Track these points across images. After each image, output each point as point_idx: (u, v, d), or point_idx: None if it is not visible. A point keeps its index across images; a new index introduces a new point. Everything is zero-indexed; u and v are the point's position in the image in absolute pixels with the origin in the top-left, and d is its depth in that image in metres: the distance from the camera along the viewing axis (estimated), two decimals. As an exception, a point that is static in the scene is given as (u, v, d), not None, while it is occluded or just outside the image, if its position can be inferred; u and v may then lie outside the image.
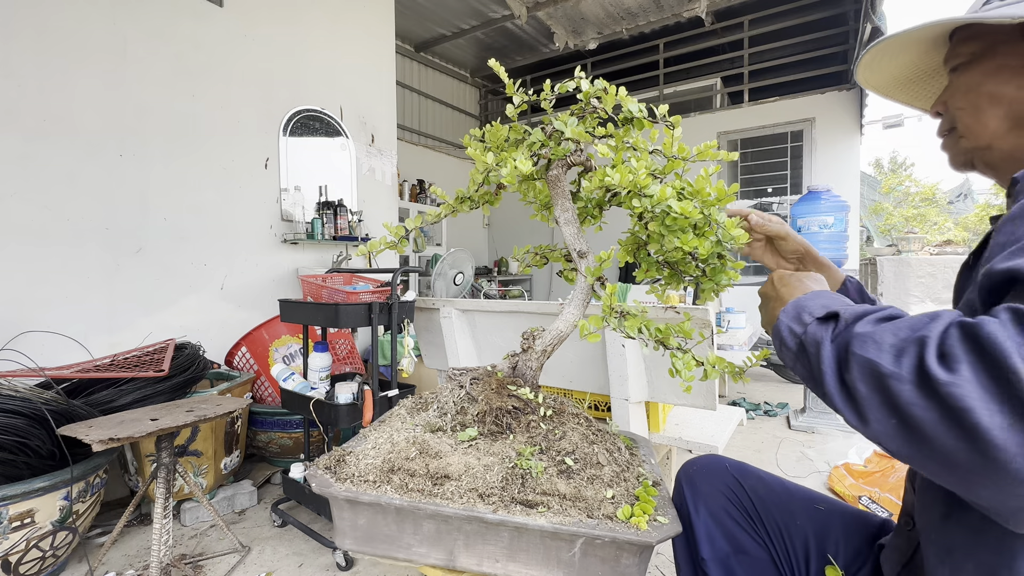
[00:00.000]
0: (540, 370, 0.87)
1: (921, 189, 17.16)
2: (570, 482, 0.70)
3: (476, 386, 0.85)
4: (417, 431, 0.82)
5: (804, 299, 0.62)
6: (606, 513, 0.66)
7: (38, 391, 1.68)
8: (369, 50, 3.78)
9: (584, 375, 1.79)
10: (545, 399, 0.86)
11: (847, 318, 0.54)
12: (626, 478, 0.74)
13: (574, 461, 0.73)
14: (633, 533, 0.63)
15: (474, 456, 0.74)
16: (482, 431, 0.78)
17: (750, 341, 2.71)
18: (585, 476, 0.72)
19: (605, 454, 0.76)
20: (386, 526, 0.69)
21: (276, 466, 2.54)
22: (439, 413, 0.84)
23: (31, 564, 1.54)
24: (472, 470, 0.71)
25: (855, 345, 0.49)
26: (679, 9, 5.36)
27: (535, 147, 0.84)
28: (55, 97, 2.21)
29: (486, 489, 0.68)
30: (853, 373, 0.49)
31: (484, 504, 0.67)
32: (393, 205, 4.01)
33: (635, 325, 0.80)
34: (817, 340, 0.55)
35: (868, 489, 2.08)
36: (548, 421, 0.81)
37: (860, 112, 5.26)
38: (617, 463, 0.77)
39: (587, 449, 0.76)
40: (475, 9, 5.53)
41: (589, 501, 0.67)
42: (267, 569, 1.72)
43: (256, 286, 3.00)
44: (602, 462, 0.74)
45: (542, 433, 0.78)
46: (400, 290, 1.90)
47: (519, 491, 0.68)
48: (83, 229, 2.29)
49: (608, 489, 0.70)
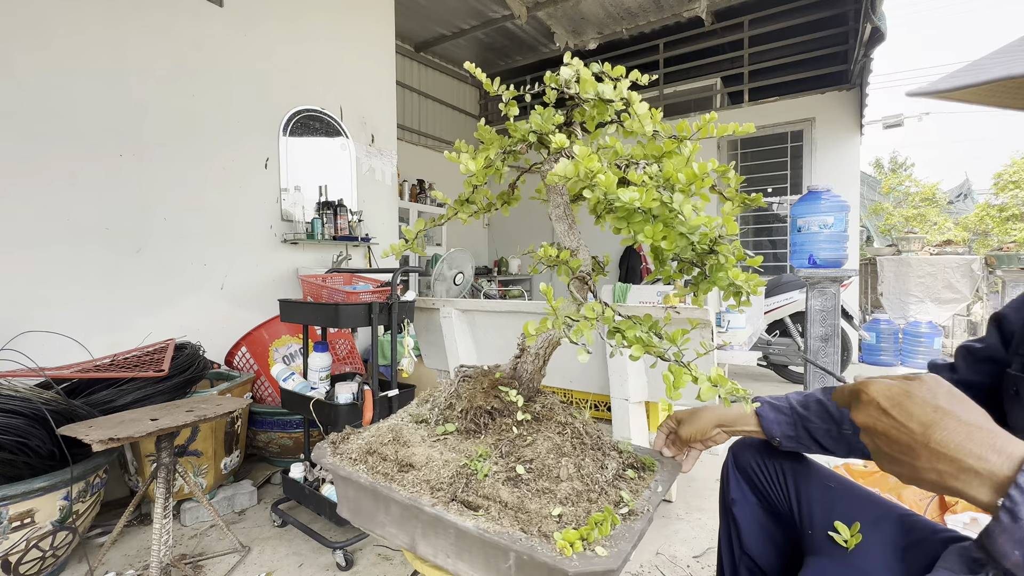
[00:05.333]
0: (539, 373, 0.84)
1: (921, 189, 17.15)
2: (515, 491, 0.66)
3: (465, 384, 0.85)
4: (404, 420, 0.87)
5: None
6: (544, 530, 0.61)
7: (38, 391, 1.68)
8: (369, 50, 3.78)
9: (585, 375, 1.79)
10: (533, 404, 0.82)
11: None
12: (592, 498, 0.67)
13: (527, 470, 0.69)
14: (550, 557, 0.56)
15: (439, 450, 0.76)
16: (459, 428, 0.80)
17: (750, 341, 2.71)
18: (535, 488, 0.67)
19: (573, 469, 0.70)
20: (366, 502, 0.74)
21: (276, 466, 2.53)
22: (431, 407, 0.87)
23: (31, 564, 1.53)
24: (432, 463, 0.74)
25: None
26: (679, 9, 5.36)
27: (508, 144, 0.81)
28: (55, 97, 2.21)
29: (438, 483, 0.70)
30: None
31: (431, 497, 0.68)
32: (393, 205, 4.01)
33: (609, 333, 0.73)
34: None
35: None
36: (523, 426, 0.77)
37: (860, 112, 5.26)
38: (587, 481, 0.69)
39: (550, 460, 0.70)
40: (475, 9, 5.53)
41: (530, 514, 0.63)
42: (267, 569, 1.72)
43: (256, 286, 3.00)
44: (563, 477, 0.68)
45: (510, 437, 0.75)
46: (400, 290, 1.90)
47: (462, 491, 0.68)
48: (83, 229, 2.29)
49: (558, 506, 0.64)
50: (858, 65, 4.87)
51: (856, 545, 0.77)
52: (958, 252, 5.66)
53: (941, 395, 0.48)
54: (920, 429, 0.46)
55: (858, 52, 4.71)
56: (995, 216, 14.25)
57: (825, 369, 0.94)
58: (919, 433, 0.46)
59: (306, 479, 1.95)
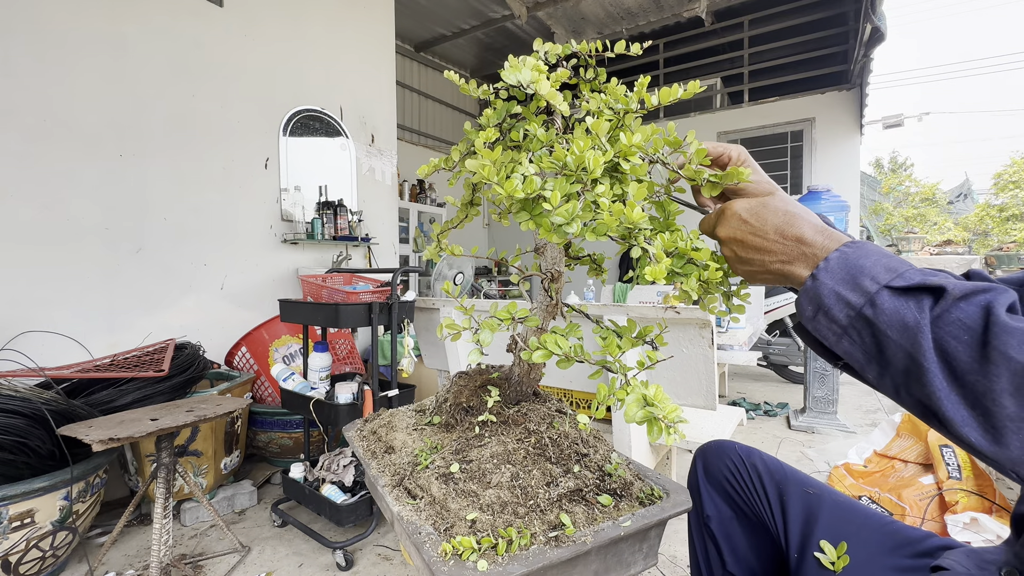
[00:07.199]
0: (530, 375, 0.81)
1: (921, 189, 17.16)
2: (443, 488, 0.66)
3: (460, 380, 0.87)
4: (406, 409, 0.94)
5: (851, 254, 0.49)
6: (452, 531, 0.59)
7: (38, 391, 1.68)
8: (369, 50, 3.78)
9: (584, 376, 1.79)
10: (512, 407, 0.79)
11: (954, 294, 0.43)
12: (519, 512, 0.62)
13: (461, 470, 0.68)
14: (429, 556, 0.56)
15: (415, 439, 0.81)
16: (442, 421, 0.84)
17: (750, 341, 2.71)
18: (462, 488, 0.65)
19: (507, 478, 0.66)
20: (375, 470, 0.80)
21: (276, 466, 2.54)
22: (432, 400, 0.92)
23: (31, 564, 1.54)
24: (405, 448, 0.79)
25: (1009, 345, 0.38)
26: (679, 9, 5.36)
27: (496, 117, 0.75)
28: (55, 96, 2.21)
29: (398, 468, 0.75)
30: (997, 382, 0.39)
31: (389, 478, 0.73)
32: (393, 205, 4.01)
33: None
34: (905, 322, 0.43)
35: (868, 489, 2.07)
36: (486, 427, 0.76)
37: (860, 112, 5.26)
38: (519, 493, 0.64)
39: (488, 465, 0.68)
40: (475, 9, 5.53)
41: (449, 513, 0.62)
42: (267, 569, 1.72)
43: (256, 286, 3.01)
44: (492, 483, 0.65)
45: (468, 436, 0.75)
46: (400, 290, 1.90)
47: (408, 478, 0.71)
48: (83, 229, 2.29)
49: (476, 512, 0.62)
50: (858, 65, 4.87)
51: (844, 568, 0.73)
52: (958, 252, 5.66)
53: (791, 203, 0.56)
54: (773, 230, 0.54)
55: (858, 52, 4.71)
56: (995, 216, 14.27)
57: (825, 369, 0.93)
58: (772, 233, 0.54)
59: (306, 479, 1.95)
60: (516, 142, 0.69)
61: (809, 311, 0.51)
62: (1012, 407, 0.38)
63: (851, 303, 0.47)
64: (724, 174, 0.58)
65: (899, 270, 0.47)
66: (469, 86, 0.73)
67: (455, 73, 0.77)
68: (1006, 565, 0.61)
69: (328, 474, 1.89)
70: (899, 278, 0.46)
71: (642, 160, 0.62)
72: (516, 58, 0.62)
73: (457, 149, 0.75)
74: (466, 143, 0.74)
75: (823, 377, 3.12)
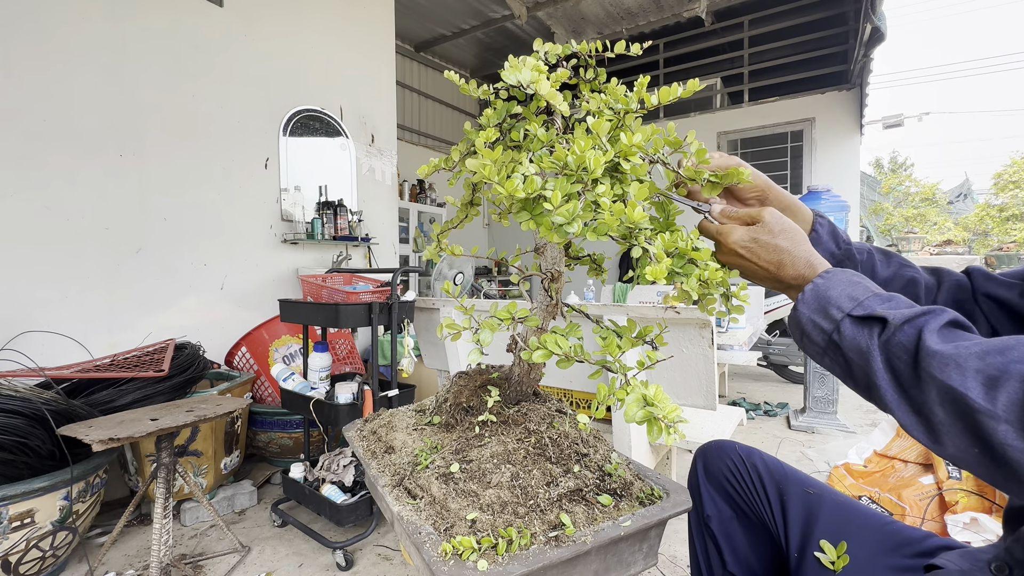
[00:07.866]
0: (530, 375, 0.80)
1: (921, 189, 17.16)
2: (443, 487, 0.65)
3: (460, 380, 0.86)
4: (407, 409, 0.93)
5: (822, 286, 0.57)
6: (452, 531, 0.59)
7: (38, 391, 1.68)
8: (369, 50, 3.78)
9: (584, 376, 1.79)
10: (512, 407, 0.79)
11: (895, 322, 0.50)
12: (519, 512, 0.62)
13: (461, 470, 0.68)
14: (429, 556, 0.56)
15: (414, 439, 0.80)
16: (443, 421, 0.83)
17: (750, 341, 2.71)
18: (462, 488, 0.65)
19: (507, 478, 0.66)
20: (375, 470, 0.80)
21: (276, 466, 2.54)
22: (433, 399, 0.92)
23: (31, 564, 1.53)
24: (405, 448, 0.78)
25: (931, 366, 0.46)
26: (679, 9, 5.36)
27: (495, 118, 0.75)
28: (55, 97, 2.21)
29: (398, 467, 0.75)
30: (928, 395, 0.46)
31: (389, 478, 0.72)
32: (393, 205, 4.01)
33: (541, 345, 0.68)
34: (860, 348, 0.52)
35: (868, 489, 2.08)
36: (486, 427, 0.75)
37: (860, 112, 5.26)
38: (519, 493, 0.64)
39: (488, 465, 0.67)
40: (475, 9, 5.53)
41: (449, 512, 0.62)
42: (267, 569, 1.72)
43: (256, 286, 3.01)
44: (492, 483, 0.65)
45: (469, 436, 0.75)
46: (400, 290, 1.90)
47: (408, 478, 0.70)
48: (83, 229, 2.29)
49: (476, 511, 0.61)
50: (858, 65, 4.87)
51: (844, 568, 0.73)
52: (958, 252, 5.66)
53: (778, 234, 0.62)
54: (770, 266, 0.62)
55: (858, 52, 4.71)
56: (995, 216, 14.27)
57: (824, 370, 0.92)
58: (771, 270, 0.63)
59: (306, 479, 1.95)
60: (516, 142, 0.69)
61: (796, 335, 0.60)
62: (941, 415, 0.46)
63: (824, 329, 0.56)
64: (724, 174, 0.63)
65: (860, 298, 0.54)
66: (469, 86, 0.73)
67: (455, 73, 0.77)
68: (996, 560, 0.62)
69: (328, 474, 1.89)
70: (859, 307, 0.54)
71: (642, 160, 0.63)
72: (516, 58, 0.62)
73: (457, 149, 0.75)
74: (466, 143, 0.74)
75: (823, 377, 3.12)
